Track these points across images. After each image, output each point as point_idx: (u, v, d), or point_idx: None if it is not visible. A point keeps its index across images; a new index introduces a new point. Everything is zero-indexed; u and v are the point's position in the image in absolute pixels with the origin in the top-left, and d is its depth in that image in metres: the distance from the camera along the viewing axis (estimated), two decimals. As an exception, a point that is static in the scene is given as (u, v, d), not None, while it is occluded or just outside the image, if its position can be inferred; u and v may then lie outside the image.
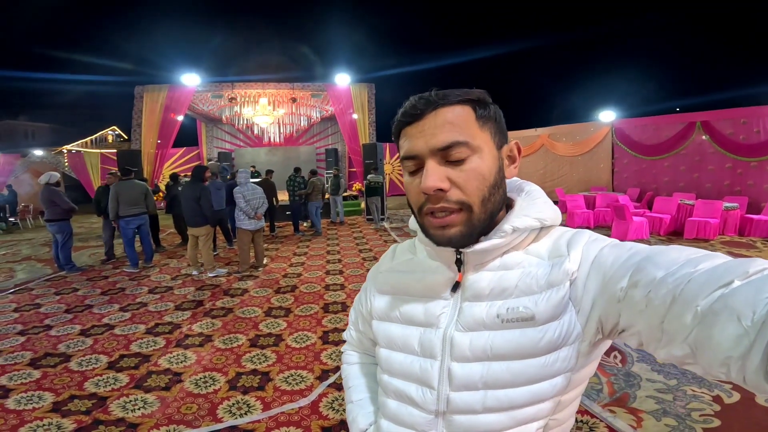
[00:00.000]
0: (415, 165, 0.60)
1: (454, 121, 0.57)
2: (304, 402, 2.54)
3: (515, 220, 0.60)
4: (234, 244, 7.25)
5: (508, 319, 0.58)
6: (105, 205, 6.34)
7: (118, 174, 6.21)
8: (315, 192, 8.81)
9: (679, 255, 0.48)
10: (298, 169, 9.33)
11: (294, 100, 13.16)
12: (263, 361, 3.14)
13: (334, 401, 2.55)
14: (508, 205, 0.66)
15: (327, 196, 10.36)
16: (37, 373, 3.01)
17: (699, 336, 0.42)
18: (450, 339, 0.62)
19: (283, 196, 9.72)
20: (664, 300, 0.45)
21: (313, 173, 9.21)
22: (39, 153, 15.68)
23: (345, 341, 0.94)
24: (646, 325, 0.48)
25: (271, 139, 15.82)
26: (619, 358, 2.96)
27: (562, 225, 0.67)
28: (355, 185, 14.05)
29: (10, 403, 2.62)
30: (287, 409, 2.48)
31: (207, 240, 5.61)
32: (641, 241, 7.05)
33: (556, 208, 0.64)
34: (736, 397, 2.44)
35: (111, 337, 3.67)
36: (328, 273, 5.62)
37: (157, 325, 3.95)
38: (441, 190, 0.56)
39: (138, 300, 4.72)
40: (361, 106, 12.50)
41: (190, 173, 5.92)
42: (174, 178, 8.28)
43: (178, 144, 14.35)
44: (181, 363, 3.13)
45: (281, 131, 15.35)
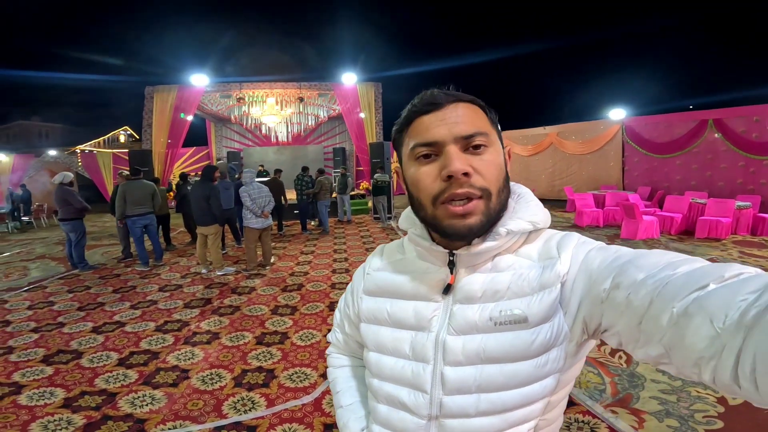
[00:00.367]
0: (431, 151, 0.59)
1: (473, 115, 0.60)
2: (307, 399, 2.57)
3: (509, 223, 0.61)
4: (242, 243, 7.32)
5: (501, 322, 0.58)
6: None
7: (125, 174, 6.31)
8: (323, 191, 8.85)
9: (660, 258, 0.49)
10: (306, 168, 9.39)
11: (301, 100, 13.24)
12: (269, 359, 3.18)
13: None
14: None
15: (334, 195, 10.41)
16: (49, 370, 3.09)
17: (673, 337, 0.42)
18: (442, 343, 0.61)
19: (291, 195, 9.79)
20: (643, 301, 0.46)
21: (320, 172, 9.23)
22: (53, 153, 16.01)
23: (330, 343, 0.92)
24: (625, 326, 0.49)
25: (279, 139, 15.93)
26: (624, 359, 2.94)
27: (551, 227, 0.67)
28: (362, 184, 14.08)
29: (23, 399, 2.69)
30: (291, 405, 2.51)
31: (216, 239, 5.67)
32: (651, 240, 6.97)
33: (547, 211, 0.65)
34: (741, 398, 2.40)
35: (122, 335, 3.74)
36: (334, 271, 5.65)
37: (166, 322, 4.01)
38: (466, 174, 0.56)
39: (148, 298, 4.80)
40: (368, 105, 12.55)
41: (199, 173, 6.01)
42: (183, 177, 8.38)
43: (187, 144, 14.55)
44: (188, 360, 3.19)
45: (289, 130, 15.45)
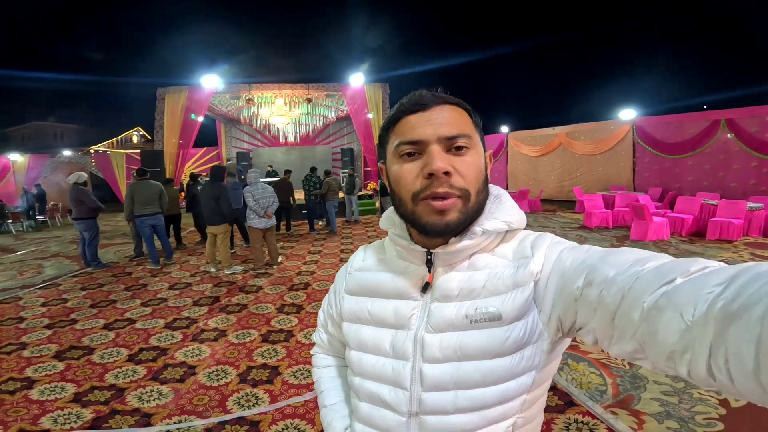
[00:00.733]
0: (415, 150, 0.61)
1: (458, 117, 0.62)
2: (310, 395, 2.60)
3: (485, 223, 0.62)
4: (250, 243, 7.41)
5: (477, 320, 0.59)
6: None
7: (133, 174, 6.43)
8: (331, 191, 8.90)
9: (629, 256, 0.51)
10: (314, 169, 9.46)
11: (309, 101, 13.31)
12: (273, 356, 3.22)
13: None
14: None
15: (342, 195, 10.46)
16: (61, 365, 3.17)
17: (645, 331, 0.43)
18: (421, 340, 0.62)
19: (299, 196, 9.86)
20: (614, 298, 0.47)
21: (327, 173, 9.31)
22: (67, 153, 16.33)
23: (314, 344, 0.93)
24: (599, 322, 0.50)
25: (288, 139, 16.04)
26: (627, 360, 2.92)
27: (545, 229, 0.69)
28: (369, 184, 14.13)
29: (34, 393, 2.76)
30: (293, 402, 2.54)
31: (225, 238, 5.76)
32: (661, 242, 6.88)
33: (522, 212, 0.67)
34: (743, 401, 2.38)
35: (132, 331, 3.82)
36: (340, 271, 5.69)
37: (175, 320, 4.09)
38: (447, 173, 0.58)
39: (158, 296, 4.89)
40: (376, 106, 12.56)
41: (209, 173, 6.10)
42: (194, 177, 8.50)
43: (198, 144, 14.74)
44: (196, 356, 3.24)
45: (297, 131, 15.55)
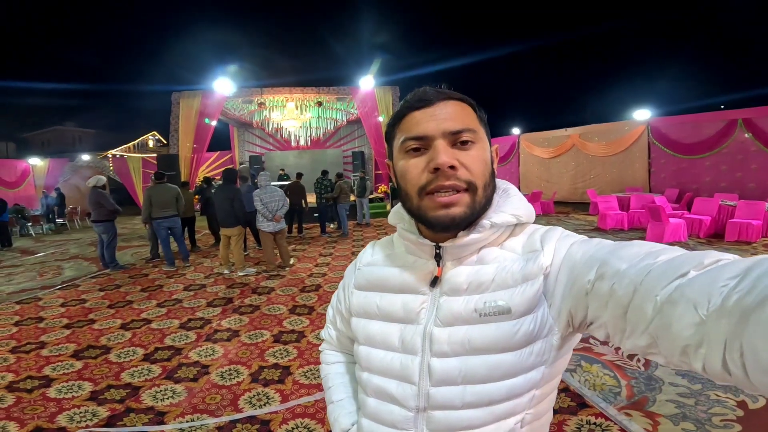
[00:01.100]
0: (420, 145, 0.61)
1: (462, 113, 0.62)
2: (320, 395, 2.62)
3: (493, 216, 0.63)
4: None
5: (486, 313, 0.59)
6: None
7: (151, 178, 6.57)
8: (343, 194, 8.95)
9: (641, 248, 0.50)
10: (325, 172, 9.54)
11: (320, 104, 13.41)
12: (285, 356, 3.25)
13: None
14: None
15: (353, 198, 10.52)
16: (78, 364, 3.25)
17: (659, 325, 0.43)
18: (430, 334, 0.62)
19: (311, 199, 9.94)
20: (626, 291, 0.47)
21: (339, 176, 9.36)
22: (86, 157, 16.77)
23: (323, 340, 0.93)
24: (611, 317, 0.49)
25: (300, 143, 16.19)
26: (642, 362, 2.88)
27: (553, 225, 0.68)
28: (381, 187, 14.16)
29: (52, 392, 2.83)
30: (304, 401, 2.57)
31: (238, 240, 5.85)
32: (679, 243, 6.75)
33: (531, 206, 0.67)
34: (761, 402, 2.33)
35: (148, 331, 3.90)
36: (351, 273, 5.72)
37: (189, 320, 4.16)
38: (452, 167, 0.58)
39: (174, 297, 4.98)
40: (386, 108, 12.59)
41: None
42: (207, 181, 8.65)
43: (212, 148, 14.99)
44: (209, 356, 3.30)
45: (309, 135, 15.68)
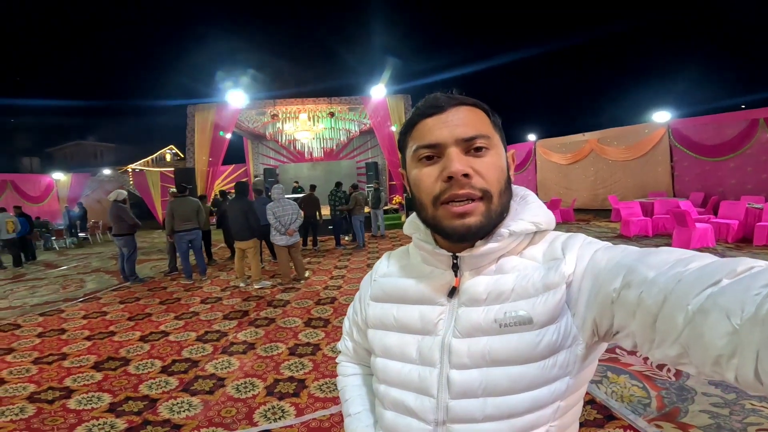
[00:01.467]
0: (433, 153, 0.61)
1: (475, 118, 0.62)
2: (335, 409, 2.62)
3: (511, 224, 0.62)
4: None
5: (506, 324, 0.58)
6: None
7: (174, 191, 6.75)
8: (358, 206, 8.99)
9: (669, 256, 0.49)
10: (339, 184, 9.59)
11: (332, 115, 13.54)
12: (300, 369, 3.27)
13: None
14: None
15: (368, 210, 10.57)
16: (99, 375, 3.33)
17: (690, 335, 0.42)
18: (448, 346, 0.61)
19: (325, 211, 10.01)
20: (656, 299, 0.45)
21: (354, 188, 9.43)
22: (107, 172, 17.36)
23: (340, 352, 0.93)
24: (639, 326, 0.48)
25: (313, 155, 16.40)
26: (672, 372, 2.79)
27: (573, 231, 0.68)
28: (395, 198, 14.18)
29: (72, 403, 2.90)
30: (319, 415, 2.57)
31: (254, 253, 5.95)
32: (706, 249, 6.56)
33: (550, 212, 0.66)
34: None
35: (166, 344, 3.98)
36: (367, 284, 5.72)
37: (206, 332, 4.22)
38: (466, 175, 0.57)
39: (191, 309, 5.08)
40: (399, 118, 12.65)
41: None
42: (223, 194, 8.85)
43: (227, 161, 15.29)
44: (225, 369, 3.34)
45: (321, 146, 15.87)
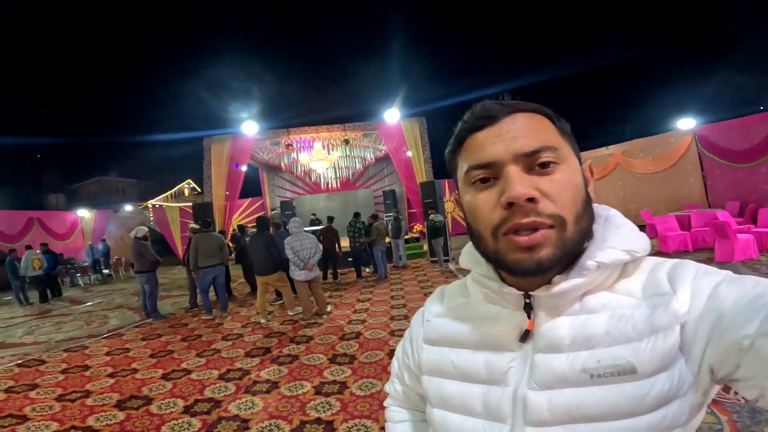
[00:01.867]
0: (488, 174, 0.54)
1: (536, 127, 0.54)
2: (368, 450, 2.58)
3: (598, 254, 0.53)
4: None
5: (600, 374, 0.50)
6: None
7: (196, 227, 6.99)
8: (380, 236, 9.03)
9: None
10: (357, 215, 9.62)
11: (347, 142, 13.74)
12: (327, 410, 3.24)
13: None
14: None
15: (388, 240, 10.58)
16: (121, 415, 3.38)
17: None
18: (522, 399, 0.54)
19: (344, 242, 10.06)
20: None
21: (374, 218, 9.49)
22: (128, 208, 18.03)
23: (388, 395, 0.86)
24: None
25: (329, 185, 16.64)
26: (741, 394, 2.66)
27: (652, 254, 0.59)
28: (415, 227, 14.13)
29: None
30: (352, 457, 2.53)
31: (284, 284, 6.19)
32: (750, 261, 6.31)
33: (645, 236, 0.57)
34: None
35: (188, 382, 4.02)
36: (392, 318, 5.69)
37: (228, 371, 4.25)
38: (531, 200, 0.50)
39: (213, 346, 5.13)
40: (414, 142, 12.78)
41: (255, 223, 6.53)
42: (241, 229, 9.03)
43: (243, 195, 15.68)
44: (248, 410, 3.34)
45: (337, 176, 16.10)
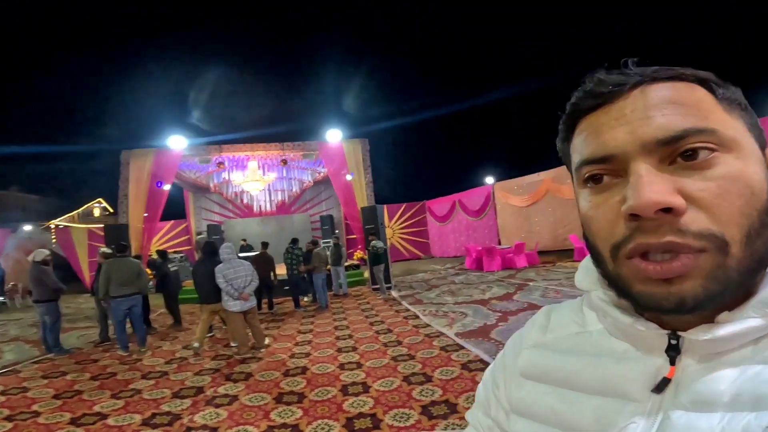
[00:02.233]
0: (607, 170, 0.42)
1: (682, 100, 0.40)
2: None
3: None
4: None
5: None
6: None
7: (108, 251, 6.39)
8: (321, 263, 8.92)
9: None
10: (295, 240, 9.45)
11: (285, 162, 13.45)
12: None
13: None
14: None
15: (328, 267, 10.42)
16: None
17: None
18: None
19: (280, 270, 9.71)
20: None
21: (314, 244, 9.41)
22: (27, 228, 16.04)
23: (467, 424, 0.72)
24: None
25: (262, 208, 16.11)
26: None
27: None
28: (356, 253, 14.08)
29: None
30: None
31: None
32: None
33: None
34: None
35: (104, 428, 3.59)
36: (340, 351, 5.53)
37: (154, 414, 3.85)
38: (667, 210, 0.37)
39: (131, 386, 4.64)
40: (356, 164, 12.83)
41: (190, 249, 6.12)
42: (162, 254, 8.37)
43: (165, 217, 14.62)
44: (189, 460, 3.02)
45: (272, 198, 15.68)
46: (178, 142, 11.42)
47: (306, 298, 9.78)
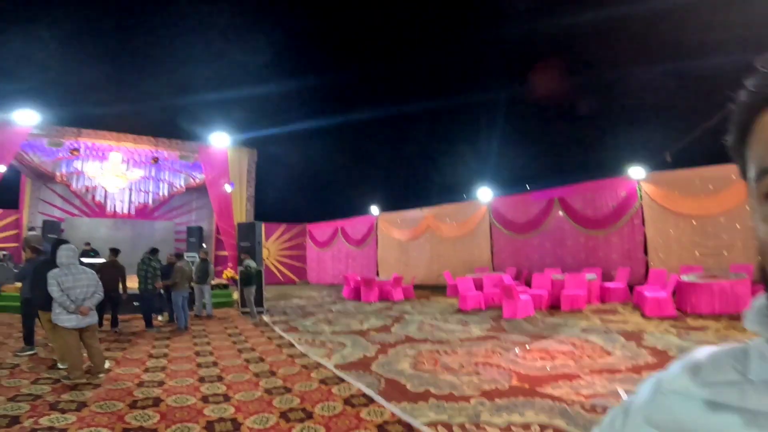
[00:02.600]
0: None
1: None
2: None
3: None
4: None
5: None
6: None
7: None
8: (183, 280, 8.30)
9: None
10: (155, 251, 8.67)
11: (156, 160, 12.34)
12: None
13: None
14: None
15: (191, 285, 9.64)
16: None
17: None
18: None
19: (130, 283, 8.59)
20: None
21: (178, 257, 8.82)
22: None
23: None
24: None
25: (117, 209, 14.31)
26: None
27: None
28: (225, 272, 13.18)
29: None
30: None
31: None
32: (529, 318, 8.05)
33: None
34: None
35: None
36: (202, 380, 5.00)
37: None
38: None
39: None
40: (240, 175, 12.25)
41: (17, 247, 5.12)
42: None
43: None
44: None
45: (132, 200, 14.13)
46: (27, 117, 9.63)
47: (161, 317, 8.95)
